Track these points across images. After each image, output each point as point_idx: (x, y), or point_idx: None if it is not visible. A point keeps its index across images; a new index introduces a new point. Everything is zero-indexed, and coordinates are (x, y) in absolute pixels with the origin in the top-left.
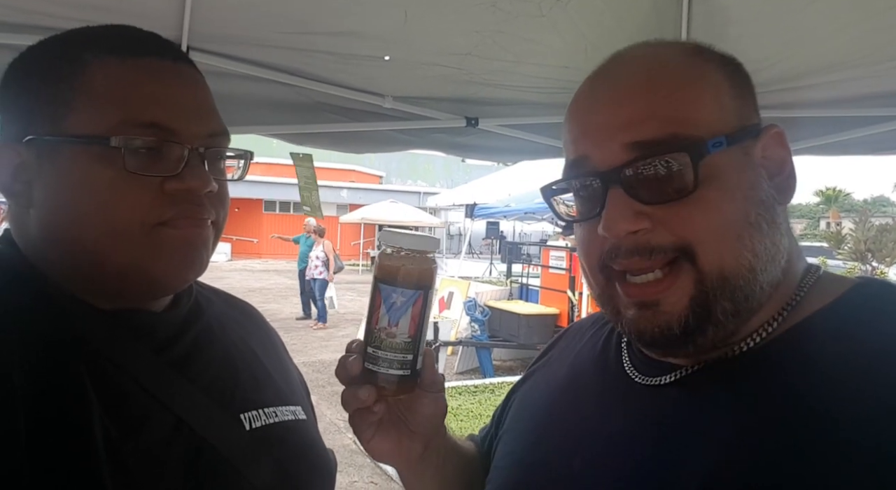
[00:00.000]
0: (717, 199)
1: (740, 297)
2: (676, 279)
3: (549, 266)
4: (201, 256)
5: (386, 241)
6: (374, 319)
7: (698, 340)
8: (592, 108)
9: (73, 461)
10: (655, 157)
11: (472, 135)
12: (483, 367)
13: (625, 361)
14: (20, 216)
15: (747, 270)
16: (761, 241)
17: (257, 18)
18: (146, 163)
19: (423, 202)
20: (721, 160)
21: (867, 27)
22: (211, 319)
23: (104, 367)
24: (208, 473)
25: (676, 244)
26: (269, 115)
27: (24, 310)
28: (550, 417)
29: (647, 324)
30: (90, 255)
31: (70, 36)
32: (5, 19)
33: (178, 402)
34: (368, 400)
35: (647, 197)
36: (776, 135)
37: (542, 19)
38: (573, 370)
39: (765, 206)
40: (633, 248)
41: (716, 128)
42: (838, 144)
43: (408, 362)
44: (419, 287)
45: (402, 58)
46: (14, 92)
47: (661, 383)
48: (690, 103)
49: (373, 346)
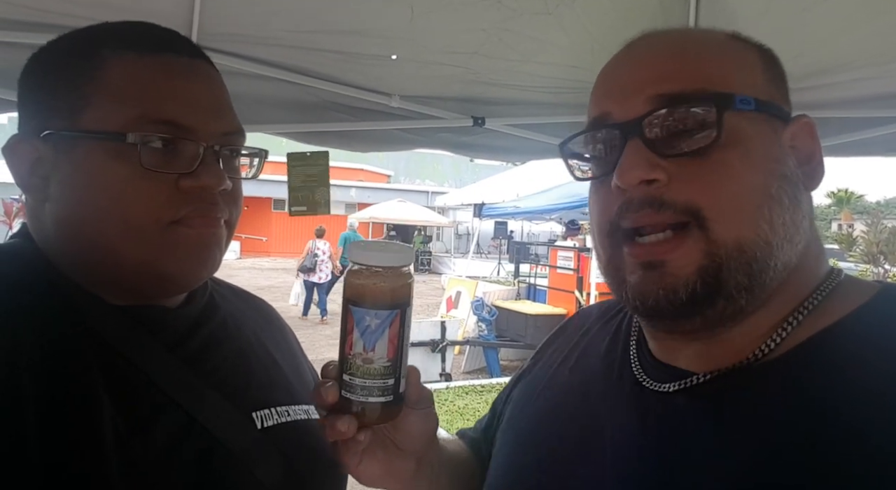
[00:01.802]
0: (738, 165)
1: (756, 270)
2: (684, 241)
3: (557, 266)
4: (214, 255)
5: (354, 258)
6: (347, 345)
7: (707, 312)
8: (617, 69)
9: (82, 457)
10: (679, 106)
11: (479, 134)
12: (490, 366)
13: (633, 363)
14: (36, 210)
15: (764, 243)
16: (781, 214)
17: (265, 17)
18: (161, 160)
19: (432, 201)
20: (747, 126)
21: (876, 26)
22: (226, 316)
23: (116, 363)
24: (219, 472)
25: (688, 205)
26: (277, 114)
27: (37, 304)
28: (554, 418)
29: (652, 285)
30: (104, 250)
31: (88, 32)
32: (18, 18)
33: (190, 399)
34: (349, 432)
35: (666, 149)
36: (806, 125)
37: (549, 17)
38: (579, 368)
39: (789, 181)
40: (644, 200)
41: (745, 90)
42: (849, 145)
43: (389, 388)
44: (395, 306)
45: (409, 57)
46: (32, 87)
47: (670, 390)
48: (721, 65)
49: (348, 374)
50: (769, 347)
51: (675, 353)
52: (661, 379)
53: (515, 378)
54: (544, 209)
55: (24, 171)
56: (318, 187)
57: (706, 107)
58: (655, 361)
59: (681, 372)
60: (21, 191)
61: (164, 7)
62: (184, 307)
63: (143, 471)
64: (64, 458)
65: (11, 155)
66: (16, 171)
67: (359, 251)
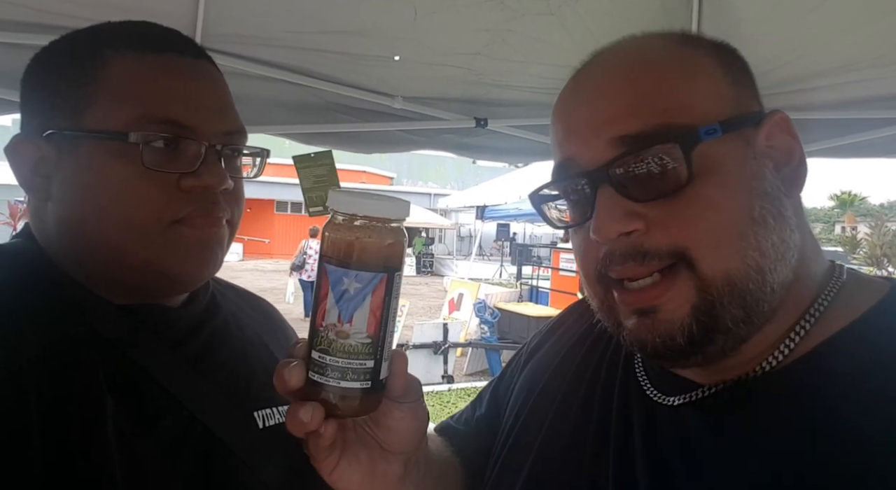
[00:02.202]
0: (715, 195)
1: (751, 301)
2: (673, 284)
3: (560, 268)
4: (216, 255)
5: (335, 206)
6: (318, 314)
7: (707, 350)
8: (575, 106)
9: (85, 455)
10: (644, 150)
11: (482, 135)
12: (492, 368)
13: (638, 370)
14: (39, 210)
15: (755, 272)
16: (767, 237)
17: (269, 19)
18: (163, 159)
19: (434, 204)
20: (718, 151)
21: (879, 27)
22: (227, 316)
23: (119, 362)
24: (220, 471)
25: (672, 249)
26: (280, 115)
27: (40, 303)
28: (558, 424)
29: (648, 333)
30: (106, 249)
31: (90, 32)
32: (21, 18)
33: (192, 398)
34: (312, 423)
35: (638, 195)
36: (780, 120)
37: (551, 17)
38: (582, 369)
39: (770, 198)
40: (626, 253)
41: (709, 116)
42: (851, 146)
43: (366, 371)
44: (382, 268)
45: (412, 58)
46: (34, 87)
47: (674, 403)
48: (679, 92)
49: (318, 350)
50: (776, 360)
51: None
52: (667, 391)
53: (521, 364)
54: None
55: (27, 170)
56: (329, 186)
57: (671, 147)
58: (661, 371)
59: (687, 384)
60: (25, 191)
61: (168, 8)
62: (186, 307)
63: (145, 469)
64: (67, 456)
65: (14, 154)
66: (18, 170)
67: (341, 197)
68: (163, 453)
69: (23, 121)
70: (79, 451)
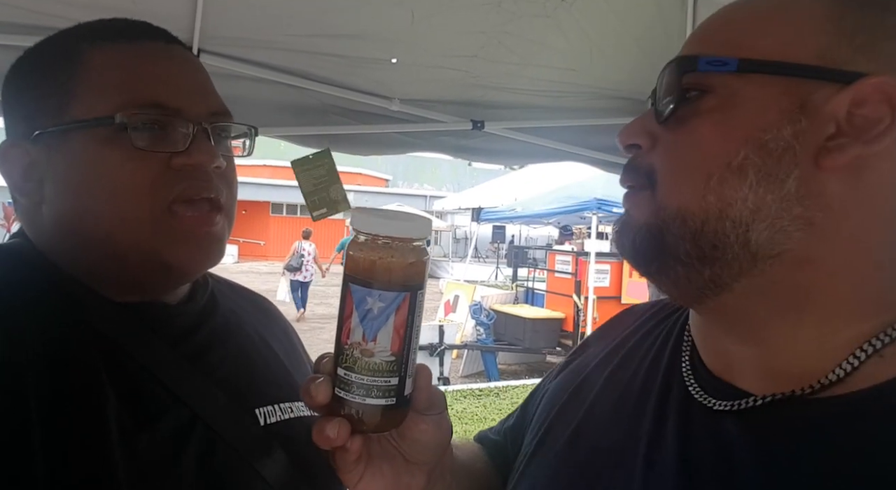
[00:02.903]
0: (704, 133)
1: (705, 244)
2: (639, 193)
3: (556, 270)
4: (214, 241)
5: (358, 226)
6: (343, 332)
7: (668, 273)
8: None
9: (86, 453)
10: (664, 72)
11: (478, 138)
12: (488, 370)
13: (685, 370)
14: (32, 214)
15: (714, 217)
16: (738, 187)
17: (267, 21)
18: (153, 140)
19: (430, 206)
20: (741, 91)
21: None
22: (227, 313)
23: (119, 360)
24: (222, 468)
25: (647, 170)
26: (277, 117)
27: (40, 302)
28: (594, 422)
29: (616, 227)
30: (102, 243)
31: (65, 32)
32: (17, 20)
33: (192, 395)
34: (339, 438)
35: (657, 115)
36: (878, 87)
37: (547, 20)
38: (622, 370)
39: (766, 151)
40: (625, 166)
41: (749, 51)
42: None
43: (391, 388)
44: (404, 287)
45: (409, 61)
46: (16, 91)
47: (721, 409)
48: (746, 28)
49: (344, 368)
50: (844, 372)
51: (731, 364)
52: (714, 394)
53: (553, 374)
54: (542, 213)
55: (17, 176)
56: (330, 186)
57: (671, 71)
58: (710, 376)
59: (736, 391)
60: (17, 196)
61: (165, 10)
62: (186, 304)
63: (147, 466)
64: (68, 454)
65: (3, 161)
66: (9, 177)
67: (365, 217)
68: (164, 451)
69: (8, 128)
70: (80, 449)
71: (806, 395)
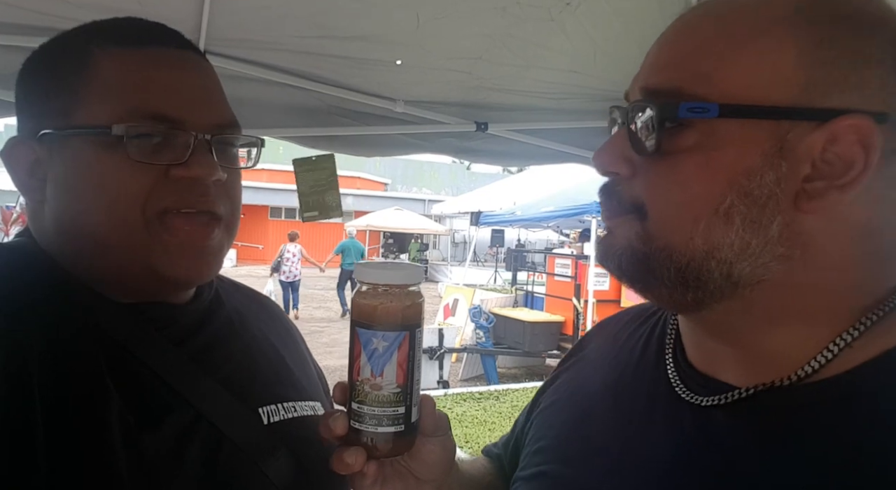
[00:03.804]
0: (690, 174)
1: (690, 277)
2: (624, 216)
3: (555, 274)
4: (208, 255)
5: (361, 277)
6: (355, 370)
7: (653, 291)
8: (649, 50)
9: (91, 453)
10: (640, 105)
11: (482, 139)
12: (487, 374)
13: (669, 370)
14: (36, 212)
15: (701, 256)
16: (725, 233)
17: (273, 23)
18: (151, 151)
19: (429, 209)
20: (722, 131)
21: None
22: (231, 313)
23: (123, 359)
24: (226, 467)
25: (635, 201)
26: (282, 119)
27: (45, 302)
28: (585, 428)
29: (602, 246)
30: (99, 248)
31: (76, 31)
32: (21, 21)
33: (196, 394)
34: (357, 464)
35: (635, 144)
36: (854, 127)
37: (552, 23)
38: (610, 376)
39: (751, 201)
40: (605, 188)
41: (732, 92)
42: None
43: (399, 417)
44: (404, 327)
45: (413, 62)
46: (27, 90)
47: (709, 404)
48: (719, 59)
49: (357, 402)
50: (819, 364)
51: (715, 362)
52: (700, 391)
53: (541, 389)
54: (541, 217)
55: (23, 173)
56: (327, 191)
57: (649, 112)
58: (693, 371)
59: (721, 385)
60: (22, 194)
61: (172, 11)
62: (190, 304)
63: (151, 466)
64: (73, 453)
65: (9, 158)
66: (14, 174)
67: (365, 270)
68: (169, 450)
69: (19, 124)
70: (84, 448)
71: (786, 385)
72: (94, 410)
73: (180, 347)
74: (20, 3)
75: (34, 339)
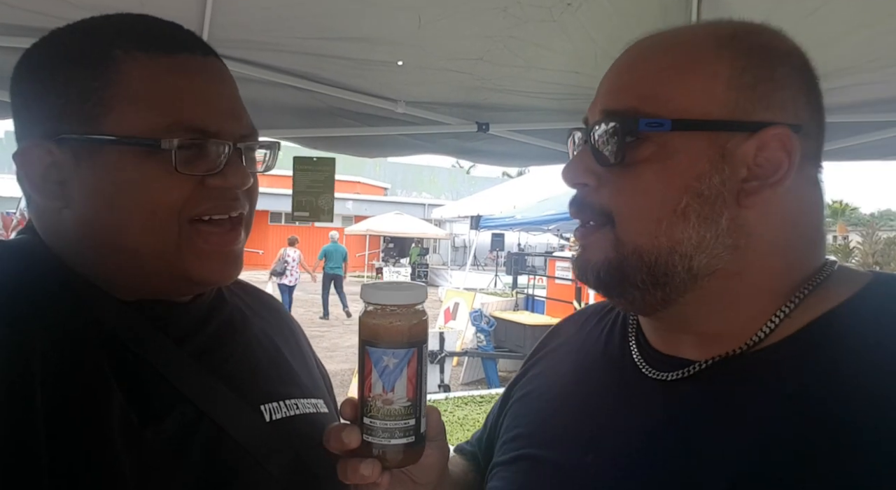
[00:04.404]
0: (650, 181)
1: (660, 273)
2: (597, 232)
3: (556, 277)
4: (236, 257)
5: (368, 299)
6: (366, 387)
7: (627, 296)
8: (603, 77)
9: (93, 450)
10: (603, 124)
11: (483, 140)
12: (488, 377)
13: (634, 354)
14: (51, 216)
15: (665, 252)
16: (684, 230)
17: (274, 24)
18: (191, 161)
19: (428, 214)
20: (673, 143)
21: (873, 31)
22: (233, 311)
23: (125, 356)
24: (228, 464)
25: (602, 208)
26: (284, 120)
27: (48, 299)
28: (559, 413)
29: (578, 263)
30: (128, 253)
31: (92, 30)
32: (21, 22)
33: (198, 392)
34: (373, 476)
35: (599, 158)
36: (778, 136)
37: (553, 24)
38: (578, 364)
39: (703, 200)
40: (575, 198)
41: (677, 110)
42: (846, 150)
43: (410, 428)
44: (412, 344)
45: (415, 63)
46: (37, 89)
47: (671, 379)
48: (666, 83)
49: (369, 417)
50: (764, 334)
51: (675, 344)
52: (664, 368)
53: (511, 384)
54: (541, 220)
55: (37, 175)
56: (322, 193)
57: (613, 128)
58: (655, 352)
59: (682, 361)
60: (34, 195)
61: (173, 13)
62: (192, 302)
63: (153, 463)
64: (75, 450)
65: (23, 160)
66: (28, 176)
67: (372, 291)
68: (170, 447)
69: (24, 123)
70: (86, 445)
71: (737, 354)
72: (97, 408)
73: (182, 345)
74: (21, 4)
75: (37, 337)
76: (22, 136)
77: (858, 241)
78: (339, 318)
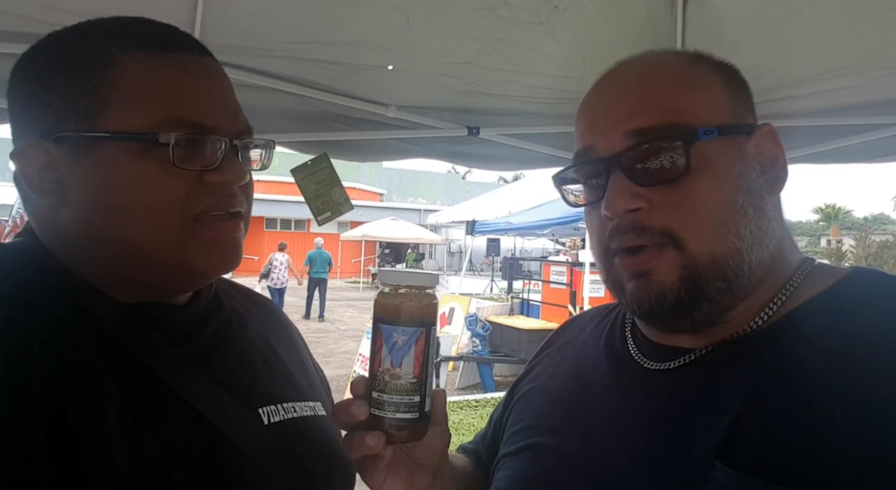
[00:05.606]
0: (706, 187)
1: (731, 276)
2: (661, 254)
3: (550, 281)
4: (237, 248)
5: (384, 280)
6: (376, 362)
7: (695, 314)
8: (598, 104)
9: (90, 452)
10: (651, 142)
11: (474, 144)
12: (484, 382)
13: (631, 349)
14: (49, 215)
15: (735, 252)
16: (746, 225)
17: (265, 29)
18: (189, 157)
19: (424, 219)
20: (712, 150)
21: (855, 34)
22: (230, 314)
23: (123, 359)
24: (226, 467)
25: (665, 228)
26: (275, 124)
27: (45, 300)
28: (562, 405)
29: (644, 292)
30: (130, 249)
31: (89, 30)
32: (14, 29)
33: (196, 395)
34: (378, 446)
35: (643, 180)
36: (769, 132)
37: (540, 26)
38: (579, 361)
39: (752, 193)
40: (628, 226)
41: (708, 120)
42: (832, 152)
43: (415, 404)
44: (421, 324)
45: (405, 67)
46: (35, 88)
47: (670, 367)
48: (686, 98)
49: (377, 391)
50: (756, 324)
51: (673, 337)
52: (662, 358)
53: (516, 382)
54: (536, 225)
55: (34, 174)
56: (332, 189)
57: (674, 141)
58: (653, 344)
59: (680, 350)
60: (32, 194)
61: (163, 18)
62: (190, 305)
63: (151, 466)
64: (72, 452)
65: (21, 159)
66: (25, 174)
67: (388, 274)
68: (168, 450)
69: (22, 124)
70: (83, 447)
71: (735, 339)
72: (94, 411)
73: (179, 348)
74: (9, 10)
75: (34, 339)
76: (19, 137)
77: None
78: (336, 324)
